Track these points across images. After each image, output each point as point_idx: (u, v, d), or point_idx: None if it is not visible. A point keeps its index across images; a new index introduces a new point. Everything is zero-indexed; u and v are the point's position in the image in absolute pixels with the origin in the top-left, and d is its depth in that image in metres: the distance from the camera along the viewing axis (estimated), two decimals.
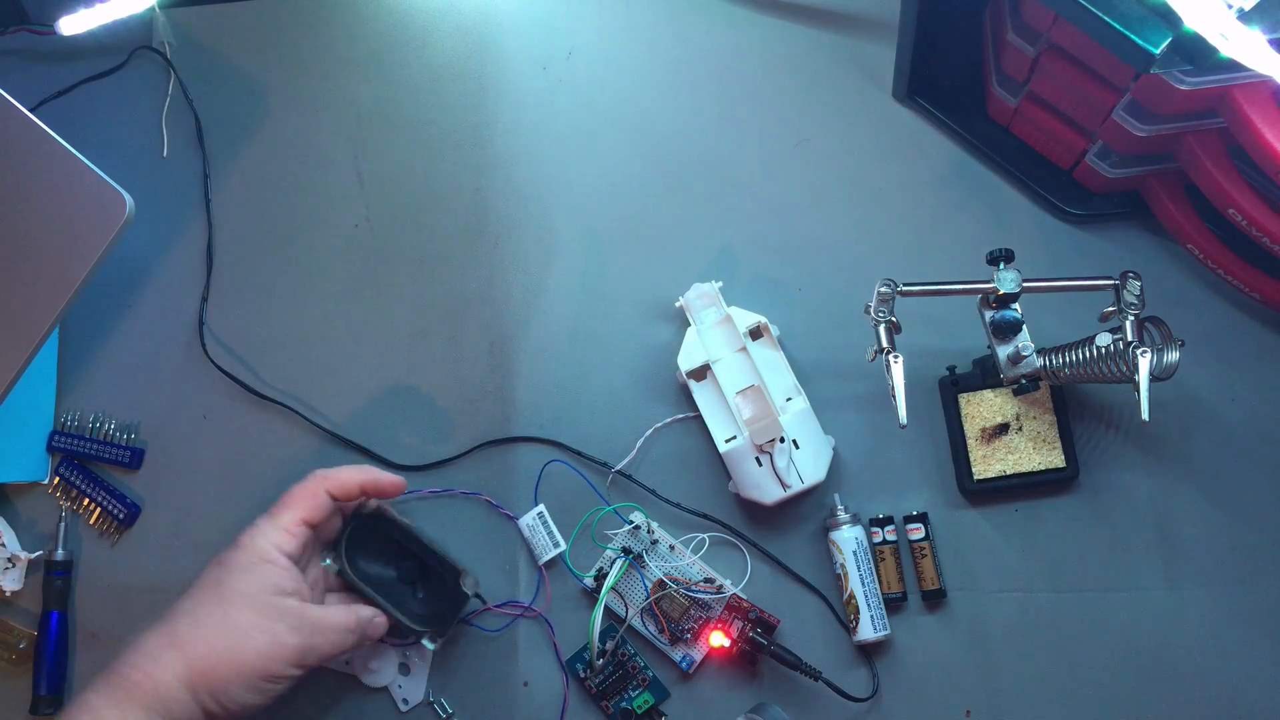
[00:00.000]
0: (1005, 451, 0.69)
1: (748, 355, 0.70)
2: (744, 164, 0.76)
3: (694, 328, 0.71)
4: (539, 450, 0.74)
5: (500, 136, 0.78)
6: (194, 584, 0.63)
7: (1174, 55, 0.54)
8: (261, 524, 0.64)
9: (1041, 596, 0.70)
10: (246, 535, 0.64)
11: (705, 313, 0.71)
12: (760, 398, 0.68)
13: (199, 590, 0.62)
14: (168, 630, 0.61)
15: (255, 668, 0.60)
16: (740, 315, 0.70)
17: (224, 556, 0.63)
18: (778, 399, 0.69)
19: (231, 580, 0.62)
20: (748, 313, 0.70)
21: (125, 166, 0.75)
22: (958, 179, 0.74)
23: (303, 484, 0.66)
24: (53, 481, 0.77)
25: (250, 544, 0.63)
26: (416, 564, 0.71)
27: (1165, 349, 0.62)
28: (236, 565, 0.62)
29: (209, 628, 0.60)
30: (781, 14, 0.78)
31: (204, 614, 0.61)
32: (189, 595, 0.62)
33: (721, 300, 0.71)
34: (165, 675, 0.59)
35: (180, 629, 0.60)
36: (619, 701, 0.70)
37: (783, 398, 0.69)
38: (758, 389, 0.69)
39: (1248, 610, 0.68)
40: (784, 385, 0.70)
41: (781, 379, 0.70)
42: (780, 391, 0.69)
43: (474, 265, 0.77)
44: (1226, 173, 0.62)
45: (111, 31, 0.79)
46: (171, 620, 0.61)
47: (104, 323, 0.79)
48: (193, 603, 0.62)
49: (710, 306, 0.71)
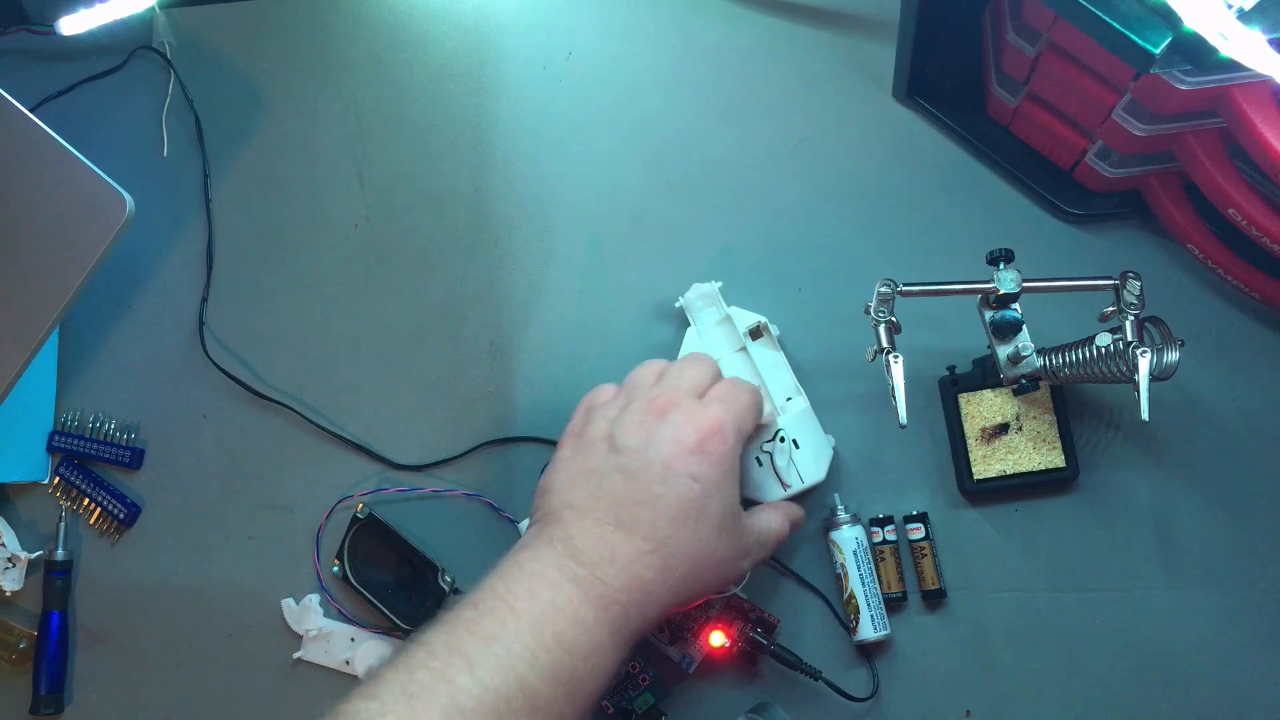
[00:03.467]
0: (1005, 451, 0.69)
1: (748, 355, 0.70)
2: (744, 164, 0.76)
3: (694, 328, 0.71)
4: (539, 450, 0.74)
5: (500, 136, 0.78)
6: (668, 502, 0.56)
7: (1174, 55, 0.54)
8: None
9: (1041, 596, 0.70)
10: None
11: (705, 313, 0.71)
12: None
13: (679, 512, 0.56)
14: (660, 564, 0.56)
15: (714, 588, 0.60)
16: (740, 315, 0.70)
17: (699, 473, 0.57)
18: (778, 398, 0.69)
19: (708, 504, 0.57)
20: (747, 313, 0.70)
21: (125, 166, 0.75)
22: (958, 179, 0.74)
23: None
24: (53, 481, 0.77)
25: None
26: (409, 567, 0.71)
27: (1165, 349, 0.62)
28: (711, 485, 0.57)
29: (693, 560, 0.57)
30: (781, 14, 0.78)
31: (685, 542, 0.57)
32: (668, 518, 0.56)
33: (721, 300, 0.71)
34: (652, 613, 0.56)
35: (671, 563, 0.56)
36: (619, 701, 0.70)
37: (783, 397, 0.69)
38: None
39: (1248, 610, 0.68)
40: (784, 385, 0.69)
41: (782, 379, 0.70)
42: (781, 391, 0.69)
43: (474, 265, 0.77)
44: (1226, 173, 0.62)
45: (111, 31, 0.79)
46: (660, 549, 0.56)
47: (104, 323, 0.79)
48: (673, 527, 0.56)
49: (710, 307, 0.71)
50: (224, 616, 0.75)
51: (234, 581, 0.75)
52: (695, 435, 0.57)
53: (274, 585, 0.75)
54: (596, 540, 0.55)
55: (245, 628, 0.75)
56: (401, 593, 0.72)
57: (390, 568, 0.72)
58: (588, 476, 0.58)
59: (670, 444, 0.57)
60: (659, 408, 0.59)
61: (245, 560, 0.75)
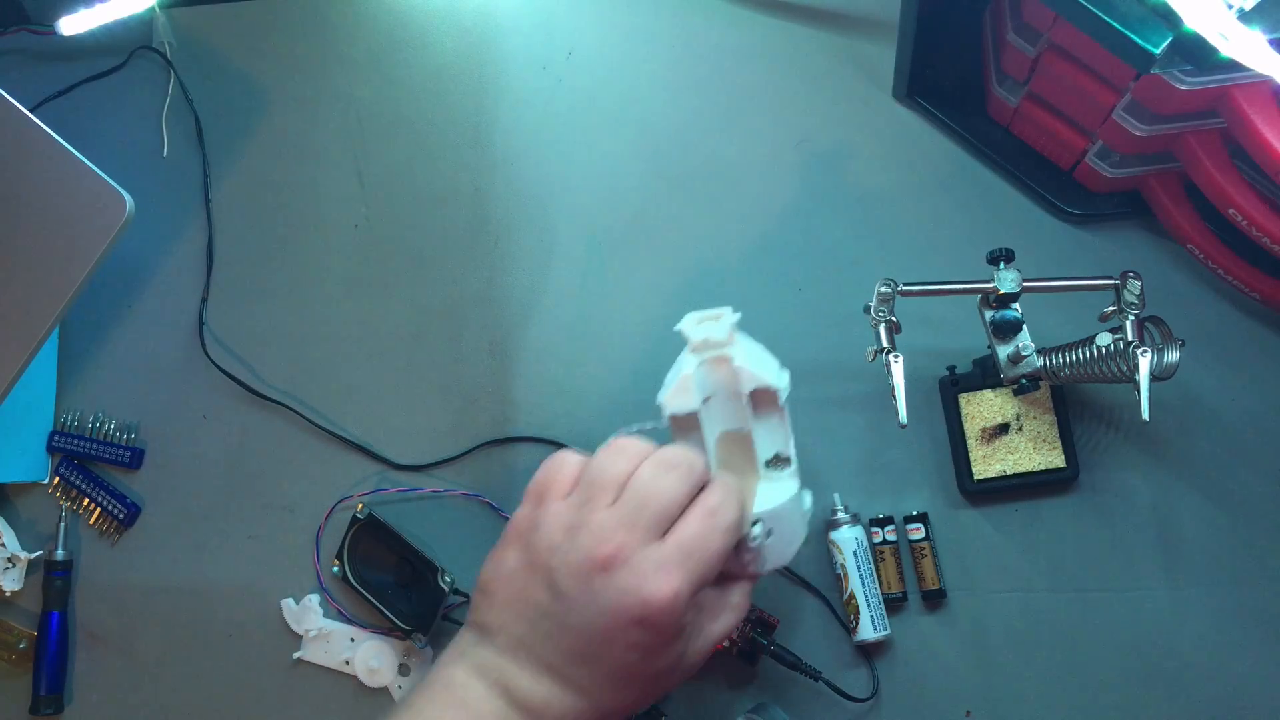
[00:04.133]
0: (1005, 451, 0.69)
1: (746, 407, 0.55)
2: (744, 164, 0.76)
3: (689, 371, 0.54)
4: (539, 450, 0.74)
5: (500, 136, 0.78)
6: (607, 667, 0.50)
7: (1174, 55, 0.54)
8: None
9: (1041, 596, 0.70)
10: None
11: (702, 348, 0.55)
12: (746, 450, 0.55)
13: (618, 678, 0.51)
14: (594, 717, 0.51)
15: (658, 696, 0.54)
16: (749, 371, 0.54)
17: (641, 641, 0.50)
18: (764, 455, 0.56)
19: (650, 667, 0.52)
20: (757, 365, 0.54)
21: (125, 166, 0.75)
22: (958, 179, 0.74)
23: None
24: (53, 481, 0.77)
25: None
26: (409, 567, 0.71)
27: (1165, 349, 0.62)
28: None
29: (631, 705, 0.52)
30: (782, 14, 0.78)
31: (623, 699, 0.52)
32: (605, 680, 0.50)
33: (734, 335, 0.55)
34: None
35: (606, 713, 0.51)
36: None
37: (771, 456, 0.56)
38: (745, 440, 0.55)
39: (1248, 610, 0.68)
40: (777, 445, 0.56)
41: (775, 441, 0.55)
42: (771, 450, 0.56)
43: (474, 265, 0.77)
44: (1226, 173, 0.62)
45: (111, 31, 0.79)
46: (596, 707, 0.51)
47: (104, 323, 0.79)
48: (610, 688, 0.51)
49: (710, 346, 0.55)
50: (224, 616, 0.75)
51: (234, 581, 0.75)
52: (640, 609, 0.48)
53: (274, 585, 0.75)
54: (531, 683, 0.51)
55: (245, 628, 0.75)
56: (401, 593, 0.72)
57: (390, 568, 0.72)
58: (527, 605, 0.51)
59: (610, 614, 0.49)
60: (605, 558, 0.49)
61: (245, 560, 0.75)
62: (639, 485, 0.51)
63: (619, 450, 0.52)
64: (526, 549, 0.52)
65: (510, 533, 0.54)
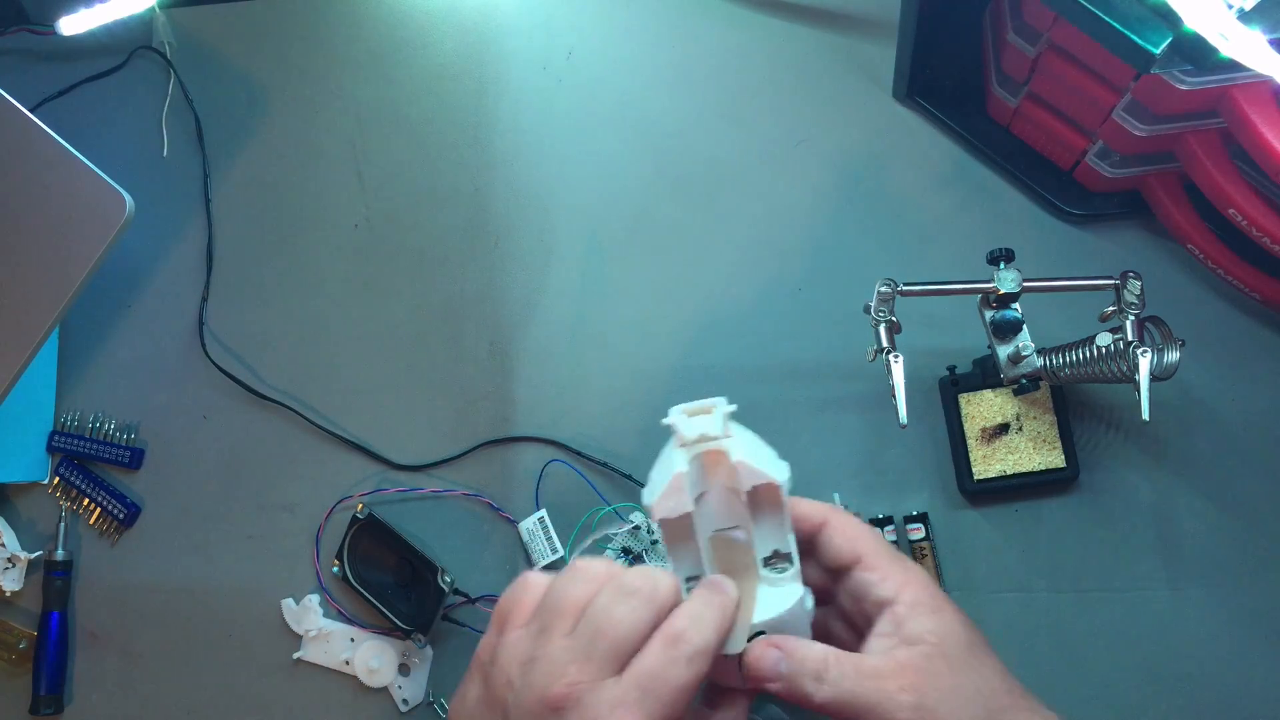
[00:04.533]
0: (1005, 451, 0.69)
1: (742, 500, 0.48)
2: (744, 164, 0.76)
3: (680, 460, 0.47)
4: (539, 450, 0.74)
5: (500, 136, 0.78)
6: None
7: (1174, 55, 0.54)
8: None
9: (1041, 596, 0.70)
10: None
11: (694, 444, 0.47)
12: (744, 549, 0.49)
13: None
14: None
15: None
16: (749, 466, 0.47)
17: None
18: (762, 553, 0.49)
19: None
20: (759, 460, 0.47)
21: (125, 166, 0.75)
22: (958, 179, 0.74)
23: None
24: (53, 481, 0.77)
25: None
26: (409, 567, 0.71)
27: (1165, 349, 0.62)
28: None
29: None
30: (781, 14, 0.78)
31: None
32: None
33: (729, 428, 0.47)
34: None
35: None
36: None
37: (769, 552, 0.49)
38: (742, 547, 0.49)
39: (1248, 610, 0.68)
40: (776, 544, 0.49)
41: (775, 540, 0.49)
42: (767, 549, 0.49)
43: (474, 265, 0.77)
44: (1226, 173, 0.62)
45: (111, 31, 0.79)
46: None
47: (104, 323, 0.79)
48: None
49: (704, 440, 0.47)
50: (224, 616, 0.75)
51: (234, 581, 0.75)
52: None
53: (274, 585, 0.75)
54: None
55: (245, 628, 0.75)
56: (401, 593, 0.72)
57: (390, 568, 0.72)
58: None
59: None
60: (556, 698, 0.45)
61: (245, 560, 0.75)
62: (595, 614, 0.46)
63: (578, 573, 0.48)
64: (485, 683, 0.49)
65: (474, 663, 0.50)
